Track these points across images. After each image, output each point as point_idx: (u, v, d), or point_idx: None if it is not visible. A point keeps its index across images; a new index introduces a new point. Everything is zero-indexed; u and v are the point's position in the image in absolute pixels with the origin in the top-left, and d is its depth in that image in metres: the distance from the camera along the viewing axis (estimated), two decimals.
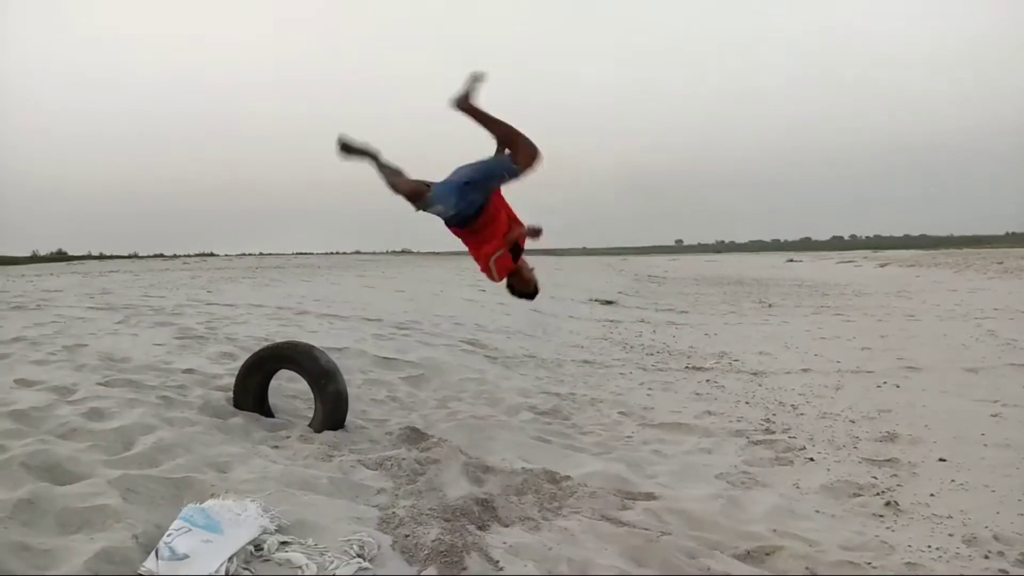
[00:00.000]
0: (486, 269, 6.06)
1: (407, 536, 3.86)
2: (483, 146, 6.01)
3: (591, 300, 20.30)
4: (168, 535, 3.38)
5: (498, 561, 3.79)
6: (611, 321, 16.32)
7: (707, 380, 9.61)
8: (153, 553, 3.28)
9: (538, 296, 6.34)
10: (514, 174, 5.84)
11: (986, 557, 4.30)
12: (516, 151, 5.82)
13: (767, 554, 4.30)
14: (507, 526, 4.35)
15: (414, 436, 5.92)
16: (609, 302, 20.33)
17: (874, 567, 4.15)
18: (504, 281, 6.18)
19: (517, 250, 6.06)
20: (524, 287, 6.23)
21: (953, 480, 5.59)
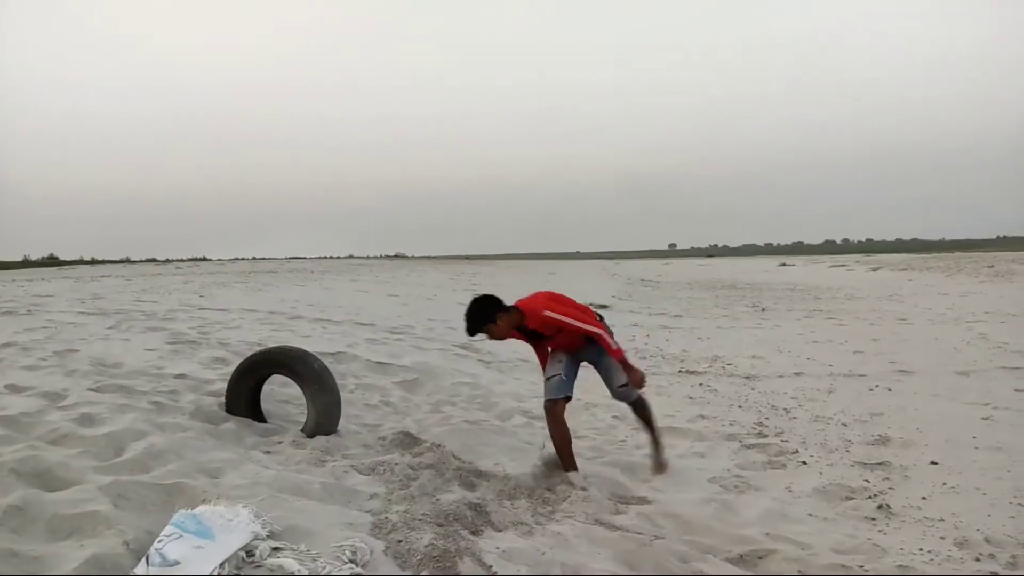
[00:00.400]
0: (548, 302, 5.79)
1: (400, 541, 3.85)
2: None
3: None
4: (159, 541, 3.37)
5: (491, 566, 3.79)
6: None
7: (700, 384, 9.62)
8: (144, 559, 3.27)
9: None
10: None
11: (977, 560, 4.31)
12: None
13: (760, 558, 4.31)
14: (500, 531, 4.35)
15: (407, 441, 5.91)
16: (603, 306, 20.33)
17: (866, 570, 4.16)
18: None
19: (537, 336, 5.82)
20: (491, 333, 5.86)
21: (945, 483, 5.60)
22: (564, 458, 5.58)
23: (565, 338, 5.76)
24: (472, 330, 5.61)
